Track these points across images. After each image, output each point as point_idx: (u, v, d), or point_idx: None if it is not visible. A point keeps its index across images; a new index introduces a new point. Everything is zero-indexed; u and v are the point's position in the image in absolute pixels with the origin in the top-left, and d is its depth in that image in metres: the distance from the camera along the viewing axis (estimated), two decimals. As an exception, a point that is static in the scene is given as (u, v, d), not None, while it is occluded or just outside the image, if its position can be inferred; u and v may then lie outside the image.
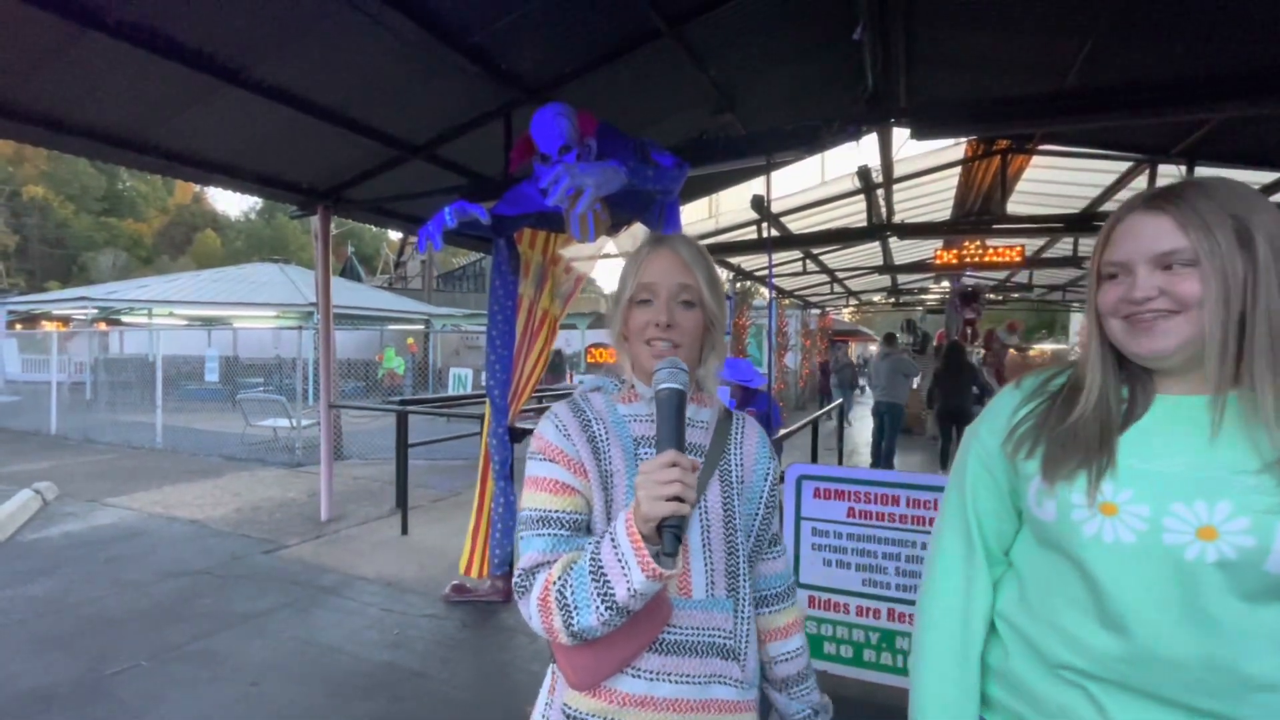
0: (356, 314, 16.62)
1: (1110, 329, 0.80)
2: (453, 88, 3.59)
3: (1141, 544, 0.74)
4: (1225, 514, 0.71)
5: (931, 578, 0.94)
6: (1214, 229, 0.72)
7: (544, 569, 0.87)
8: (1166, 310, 0.75)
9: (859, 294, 13.67)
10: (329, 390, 5.20)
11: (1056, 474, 0.79)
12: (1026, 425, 0.85)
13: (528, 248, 3.50)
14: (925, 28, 3.50)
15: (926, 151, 5.76)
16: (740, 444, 1.01)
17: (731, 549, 0.95)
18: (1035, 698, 0.83)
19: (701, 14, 3.19)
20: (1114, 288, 0.79)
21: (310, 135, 3.85)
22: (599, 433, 0.95)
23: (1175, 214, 0.75)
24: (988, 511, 0.90)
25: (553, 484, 0.91)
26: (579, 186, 2.32)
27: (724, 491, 0.96)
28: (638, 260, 0.97)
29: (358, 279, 27.55)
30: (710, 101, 4.05)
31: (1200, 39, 3.06)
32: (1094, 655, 0.78)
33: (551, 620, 0.84)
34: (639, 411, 0.98)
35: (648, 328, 0.94)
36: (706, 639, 0.91)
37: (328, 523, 5.11)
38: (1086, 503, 0.77)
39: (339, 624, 3.31)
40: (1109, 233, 0.80)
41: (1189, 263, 0.73)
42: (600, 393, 1.00)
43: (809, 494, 2.71)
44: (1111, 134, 4.58)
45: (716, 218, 6.61)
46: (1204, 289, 0.73)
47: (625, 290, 0.96)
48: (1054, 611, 0.82)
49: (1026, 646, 0.85)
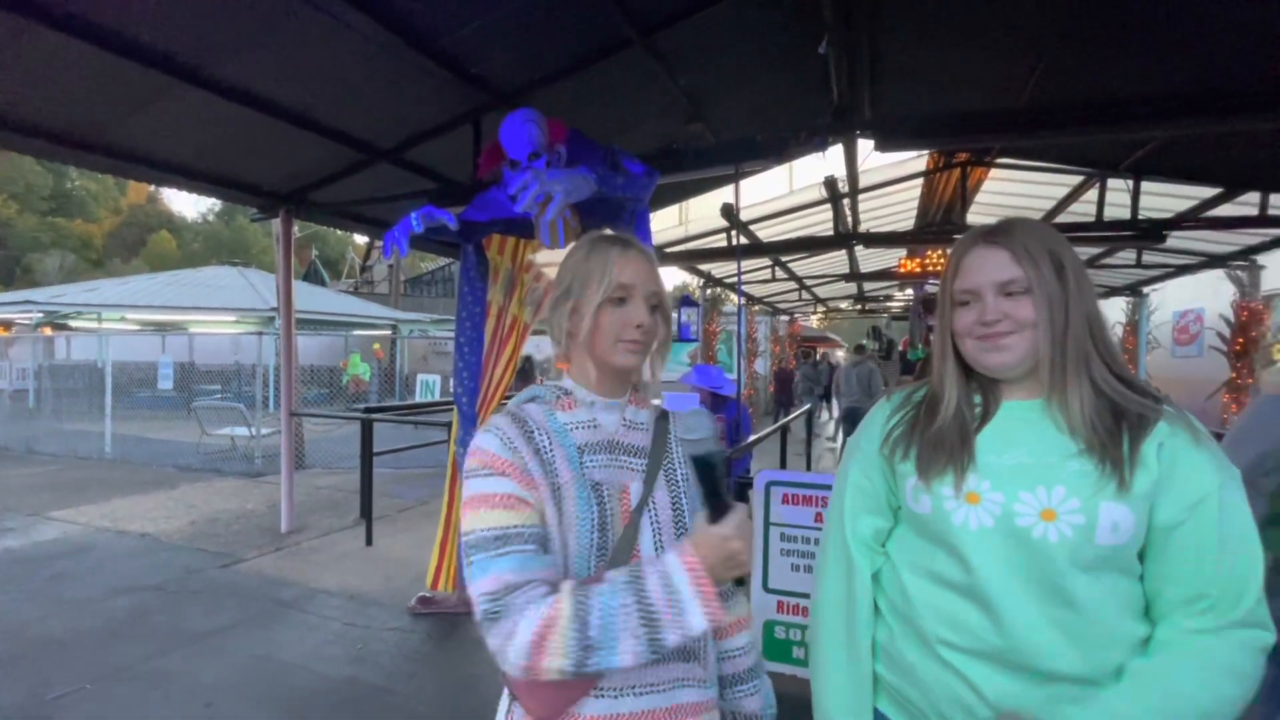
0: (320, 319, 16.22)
1: (965, 348, 0.93)
2: (421, 91, 3.54)
3: (999, 527, 0.86)
4: (1060, 497, 0.84)
5: (818, 579, 1.05)
6: (1039, 262, 0.87)
7: (523, 592, 0.80)
8: (1010, 331, 0.88)
9: (826, 301, 13.90)
10: (290, 397, 5.05)
11: (929, 472, 0.91)
12: (899, 431, 0.99)
13: (496, 254, 3.47)
14: (890, 43, 3.60)
15: (891, 163, 5.90)
16: (679, 444, 1.04)
17: None
18: (915, 674, 0.92)
19: (672, 24, 3.22)
20: (967, 312, 0.92)
21: (273, 136, 3.75)
22: (543, 444, 0.90)
23: (1010, 248, 0.89)
24: (866, 511, 1.01)
25: (505, 499, 0.85)
26: (548, 193, 2.31)
27: (671, 492, 0.97)
28: (607, 259, 0.93)
29: (322, 283, 26.92)
30: (681, 111, 4.08)
31: (1144, 62, 3.21)
32: (967, 631, 0.87)
33: (548, 660, 0.76)
34: (579, 419, 0.95)
35: (626, 328, 0.92)
36: None
37: (288, 534, 4.95)
38: (955, 494, 0.89)
39: (299, 640, 3.21)
40: (957, 264, 0.93)
41: (1024, 290, 0.88)
42: (536, 403, 0.96)
43: (777, 499, 2.74)
44: (1063, 149, 4.77)
45: (686, 225, 6.65)
46: (1036, 312, 0.87)
47: (596, 289, 0.92)
48: (931, 594, 0.91)
49: (907, 627, 0.94)
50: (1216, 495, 0.80)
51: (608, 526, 0.91)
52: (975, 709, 0.86)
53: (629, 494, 0.94)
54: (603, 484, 0.92)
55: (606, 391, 0.97)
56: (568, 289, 0.96)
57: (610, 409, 0.97)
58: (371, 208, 4.86)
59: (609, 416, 0.97)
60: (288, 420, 5.03)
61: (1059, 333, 0.86)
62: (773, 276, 9.21)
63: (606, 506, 0.91)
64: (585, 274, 0.94)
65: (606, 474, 0.93)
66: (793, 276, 9.68)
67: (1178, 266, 7.49)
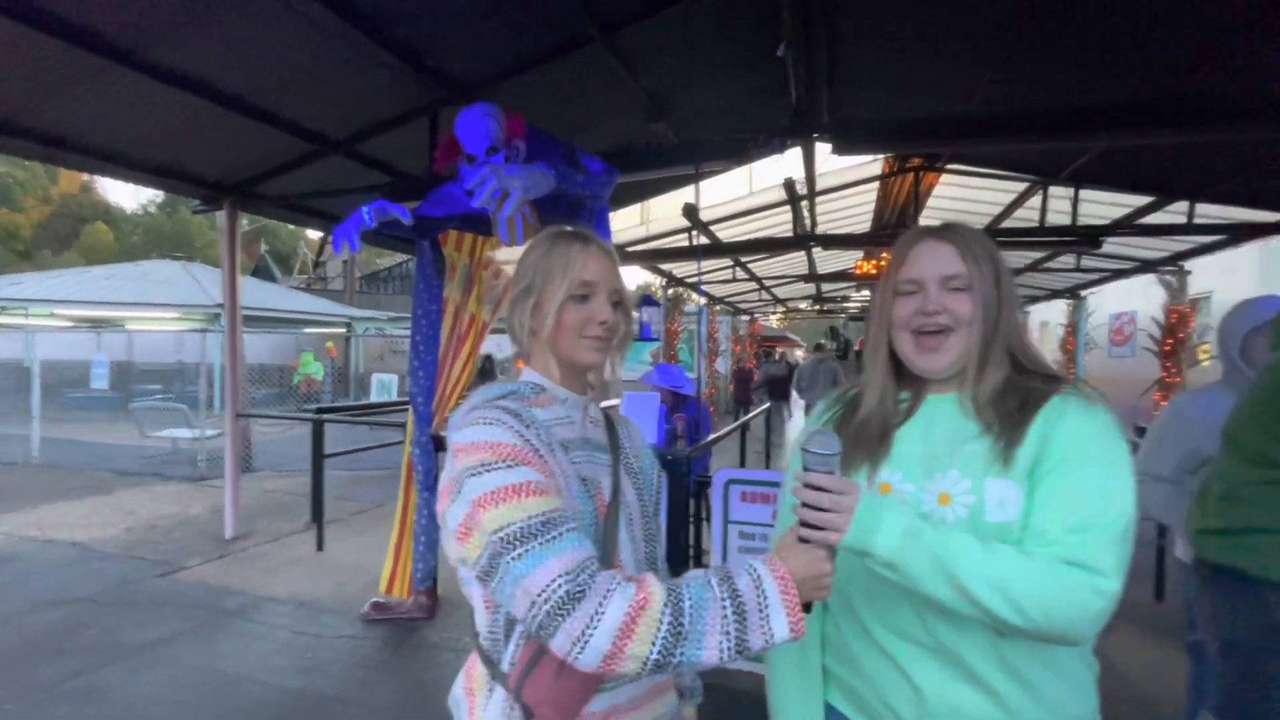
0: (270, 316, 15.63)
1: (900, 342, 0.95)
2: (375, 82, 3.44)
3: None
4: (954, 480, 0.88)
5: None
6: (981, 262, 0.91)
7: (603, 572, 0.76)
8: (947, 327, 0.91)
9: (786, 301, 14.14)
10: (236, 397, 4.85)
11: (849, 466, 0.94)
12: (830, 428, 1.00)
13: (454, 250, 3.40)
14: (848, 49, 3.67)
15: (848, 166, 6.03)
16: (629, 437, 1.06)
17: (650, 536, 1.01)
18: (860, 666, 0.94)
19: (634, 22, 3.21)
20: (909, 302, 0.94)
21: (216, 125, 3.59)
22: (536, 441, 0.86)
23: (957, 244, 0.92)
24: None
25: (536, 486, 0.79)
26: (505, 188, 2.28)
27: (634, 483, 1.00)
28: (569, 256, 0.92)
29: (272, 279, 25.92)
30: (642, 110, 4.08)
31: (1083, 76, 3.36)
32: (895, 620, 0.90)
33: (635, 646, 0.71)
34: (557, 415, 0.95)
35: (589, 324, 0.92)
36: None
37: (234, 540, 4.75)
38: (868, 485, 0.92)
39: (244, 650, 3.08)
40: (903, 256, 0.96)
41: (965, 287, 0.91)
42: (512, 399, 0.92)
43: (736, 498, 2.76)
44: (1009, 157, 4.96)
45: (647, 224, 6.66)
46: (973, 310, 0.90)
47: (559, 286, 0.91)
48: (867, 585, 0.93)
49: (852, 619, 0.96)
50: (1082, 454, 0.82)
51: (597, 521, 0.92)
52: (913, 698, 0.88)
53: (602, 489, 0.95)
54: (588, 479, 0.93)
55: (576, 388, 0.98)
56: (529, 286, 0.94)
57: (579, 406, 0.98)
58: (323, 201, 4.71)
59: (578, 413, 0.98)
60: (233, 421, 4.82)
61: (989, 332, 0.90)
62: (733, 277, 9.31)
63: (594, 501, 0.92)
64: (547, 270, 0.93)
65: (587, 469, 0.94)
66: (753, 277, 9.80)
67: (1114, 271, 7.88)
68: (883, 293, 0.97)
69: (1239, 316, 1.95)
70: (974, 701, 0.86)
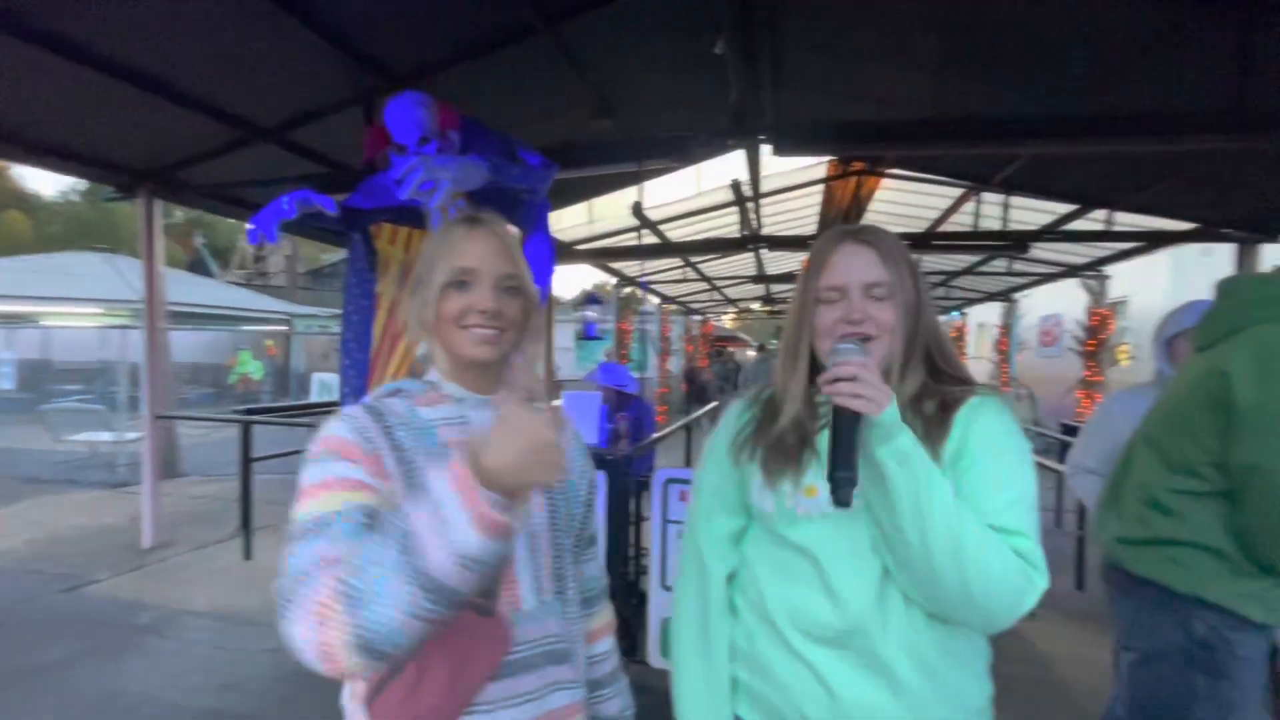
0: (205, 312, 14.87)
1: (822, 348, 0.93)
2: (306, 68, 3.29)
3: (837, 512, 0.88)
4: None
5: (676, 583, 1.06)
6: (900, 267, 0.91)
7: (330, 568, 0.64)
8: (871, 335, 0.89)
9: (737, 301, 14.32)
10: (156, 397, 4.56)
11: (772, 472, 0.93)
12: (747, 432, 0.99)
13: (388, 244, 3.26)
14: (792, 51, 3.72)
15: (793, 169, 6.13)
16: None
17: (558, 550, 0.92)
18: (773, 673, 0.92)
19: (579, 15, 3.16)
20: (831, 310, 0.92)
21: (130, 106, 3.35)
22: (404, 439, 0.82)
23: (879, 249, 0.91)
24: (721, 512, 1.01)
25: (344, 483, 0.73)
26: (435, 180, 2.19)
27: (546, 494, 0.92)
28: (451, 240, 0.87)
29: (209, 274, 24.68)
30: (589, 106, 4.03)
31: (1013, 87, 3.50)
32: (816, 622, 0.89)
33: (331, 632, 0.61)
34: (447, 414, 0.88)
35: (467, 314, 0.85)
36: (542, 649, 0.86)
37: (152, 550, 4.47)
38: (794, 490, 0.91)
39: (156, 669, 2.88)
40: (824, 260, 0.93)
41: (887, 295, 0.90)
42: (399, 397, 0.88)
43: (675, 497, 2.75)
44: (945, 163, 5.13)
45: (593, 223, 6.63)
46: (895, 316, 0.90)
47: (435, 273, 0.86)
48: (783, 589, 0.93)
49: (765, 625, 0.94)
50: (998, 447, 0.87)
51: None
52: (827, 701, 0.87)
53: None
54: None
55: (475, 386, 0.90)
56: (419, 275, 0.89)
57: (482, 405, 0.90)
58: (254, 192, 4.47)
59: (479, 414, 0.90)
60: (152, 423, 4.54)
61: (910, 338, 0.91)
62: (684, 277, 9.35)
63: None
64: (431, 257, 0.88)
65: None
66: (704, 277, 9.87)
67: (1042, 275, 8.28)
68: (803, 298, 0.95)
69: (1166, 321, 2.06)
70: (884, 698, 0.86)
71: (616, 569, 2.90)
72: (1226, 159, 3.65)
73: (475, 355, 0.86)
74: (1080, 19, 2.75)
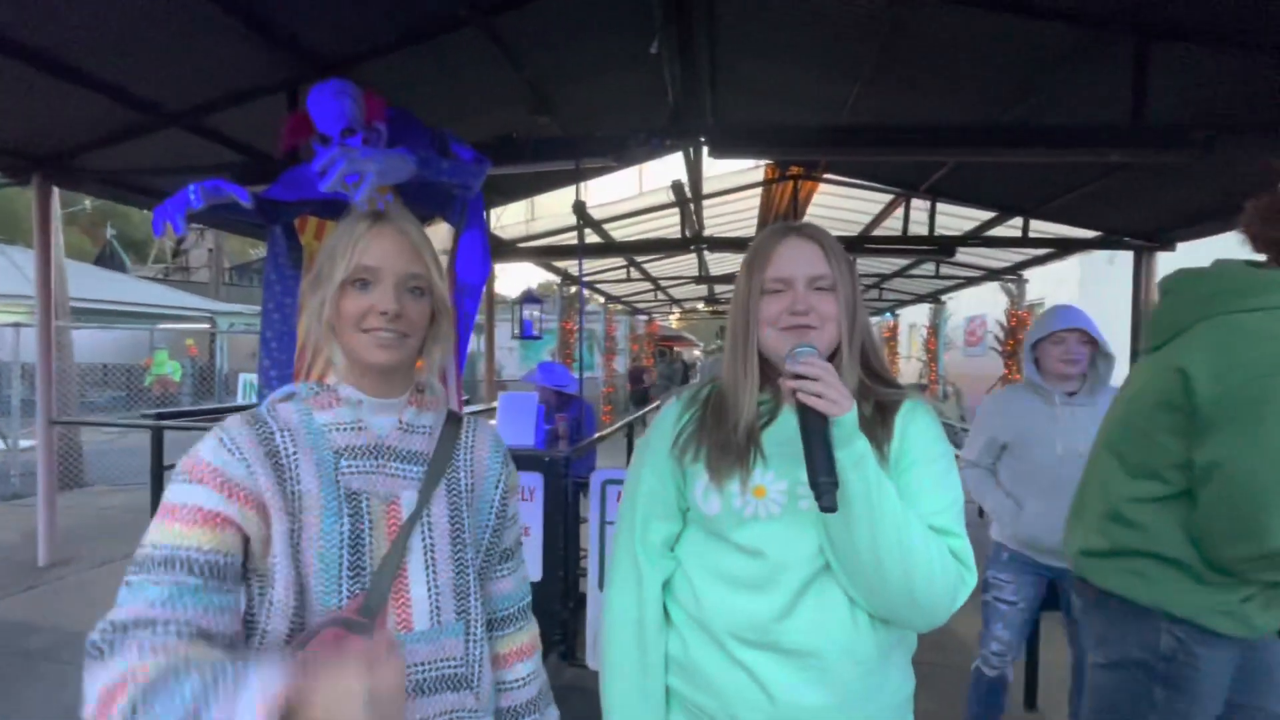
0: (116, 310, 13.85)
1: (765, 338, 0.94)
2: (220, 50, 3.09)
3: (785, 512, 0.90)
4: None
5: (607, 590, 1.02)
6: (841, 262, 0.94)
7: (145, 631, 0.63)
8: (814, 325, 0.91)
9: (682, 301, 14.46)
10: (50, 401, 4.19)
11: (719, 472, 0.92)
12: (689, 432, 0.97)
13: (312, 239, 3.10)
14: (728, 54, 3.78)
15: (733, 171, 6.24)
16: (470, 449, 0.92)
17: (460, 566, 0.86)
18: (710, 681, 0.91)
19: (511, 8, 3.10)
20: (777, 301, 0.93)
21: (21, 85, 3.07)
22: (284, 446, 0.79)
23: (823, 244, 0.94)
24: (658, 518, 0.99)
25: (194, 513, 0.71)
26: (360, 172, 2.10)
27: (450, 504, 0.87)
28: (353, 236, 0.82)
29: (121, 268, 22.98)
30: (525, 102, 3.97)
31: (935, 96, 3.67)
32: (757, 627, 0.89)
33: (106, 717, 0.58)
34: (342, 419, 0.83)
35: (369, 315, 0.80)
36: (435, 673, 0.82)
37: (49, 568, 4.11)
38: (742, 491, 0.91)
39: (47, 698, 2.64)
40: (769, 254, 0.94)
41: (829, 288, 0.92)
42: (292, 401, 0.84)
43: (613, 498, 2.74)
44: (876, 169, 5.33)
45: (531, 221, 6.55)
46: (836, 308, 0.92)
47: (336, 269, 0.81)
48: (723, 594, 0.92)
49: (701, 632, 0.93)
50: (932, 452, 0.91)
51: (364, 543, 0.80)
52: (765, 705, 0.87)
53: (399, 506, 0.83)
54: (362, 493, 0.81)
55: (377, 390, 0.85)
56: (319, 270, 0.83)
57: (384, 409, 0.86)
58: (162, 179, 4.18)
59: (381, 419, 0.85)
60: (46, 428, 4.17)
61: (849, 330, 0.92)
62: (628, 276, 9.36)
63: (365, 519, 0.80)
64: (332, 252, 0.83)
65: (368, 481, 0.82)
66: (648, 277, 9.92)
67: (966, 278, 8.74)
68: (748, 290, 0.94)
69: (1033, 327, 2.20)
70: (822, 699, 0.86)
71: (554, 571, 2.87)
72: (1126, 172, 3.95)
73: (374, 360, 0.81)
74: (996, 36, 2.90)
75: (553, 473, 2.82)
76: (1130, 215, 4.92)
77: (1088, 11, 2.61)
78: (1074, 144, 2.83)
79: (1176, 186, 4.09)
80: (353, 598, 0.78)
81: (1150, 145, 2.80)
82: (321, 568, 0.77)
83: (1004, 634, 2.20)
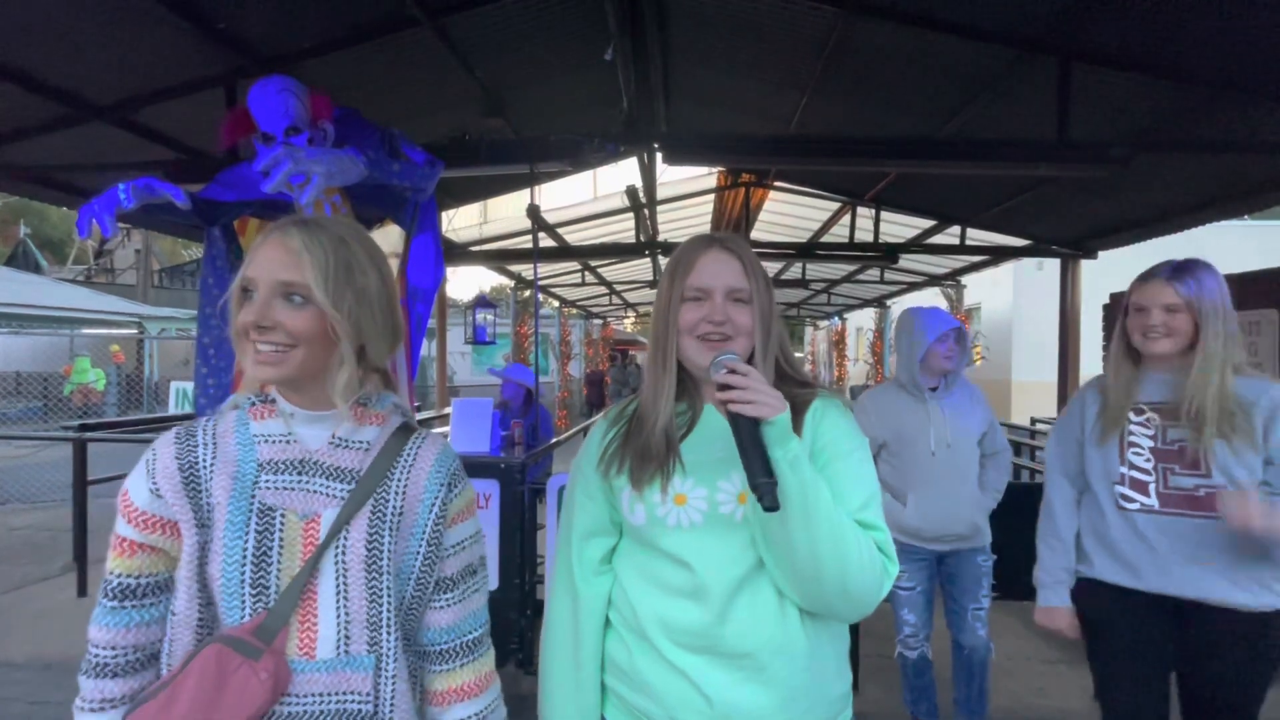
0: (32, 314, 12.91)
1: (684, 346, 0.96)
2: (150, 41, 2.93)
3: (707, 520, 0.92)
4: (741, 482, 0.90)
5: (548, 602, 1.05)
6: (758, 279, 0.97)
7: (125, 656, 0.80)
8: (730, 336, 0.94)
9: (637, 306, 14.51)
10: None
11: (640, 482, 0.94)
12: (614, 447, 1.00)
13: (253, 241, 2.99)
14: (681, 62, 3.83)
15: (687, 178, 6.32)
16: (409, 469, 0.86)
17: (375, 595, 0.80)
18: (651, 687, 0.93)
19: (465, 9, 3.06)
20: (696, 309, 0.95)
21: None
22: (203, 459, 0.80)
23: (742, 259, 0.96)
24: (594, 534, 1.02)
25: (125, 544, 0.81)
26: (306, 173, 2.03)
27: (372, 526, 0.81)
28: (254, 245, 0.81)
29: (37, 269, 21.45)
30: (478, 104, 3.92)
31: (877, 109, 3.81)
32: (691, 631, 0.90)
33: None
34: (271, 431, 0.82)
35: (249, 328, 0.77)
36: (335, 706, 0.78)
37: (-45, 594, 3.80)
38: (663, 499, 0.93)
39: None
40: (691, 263, 0.96)
41: (746, 300, 0.95)
42: (236, 409, 0.84)
43: (570, 503, 2.73)
44: (823, 178, 5.50)
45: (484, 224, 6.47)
46: (752, 321, 0.95)
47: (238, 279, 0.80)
48: (657, 601, 0.94)
49: (640, 640, 0.95)
50: (847, 446, 0.95)
51: (270, 560, 0.77)
52: (703, 708, 0.89)
53: (318, 524, 0.80)
54: (276, 509, 0.78)
55: (299, 402, 0.82)
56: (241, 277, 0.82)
57: (315, 422, 0.83)
58: (87, 176, 3.94)
59: (312, 431, 0.83)
60: (-47, 445, 3.85)
61: (763, 341, 0.96)
62: (583, 281, 9.35)
63: (275, 536, 0.78)
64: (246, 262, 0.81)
65: (285, 497, 0.79)
66: (603, 281, 9.92)
67: (909, 283, 9.11)
68: (669, 297, 0.96)
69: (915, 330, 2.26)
70: (759, 699, 0.88)
71: (511, 579, 2.83)
72: (1053, 185, 4.20)
73: (257, 375, 0.79)
74: (934, 54, 3.04)
75: (509, 479, 2.79)
76: (1057, 225, 5.24)
77: (1018, 33, 2.77)
78: (1005, 158, 3.00)
79: (1098, 199, 4.38)
80: (255, 616, 0.77)
81: (1074, 160, 2.99)
82: (224, 583, 0.77)
83: (910, 617, 2.32)
